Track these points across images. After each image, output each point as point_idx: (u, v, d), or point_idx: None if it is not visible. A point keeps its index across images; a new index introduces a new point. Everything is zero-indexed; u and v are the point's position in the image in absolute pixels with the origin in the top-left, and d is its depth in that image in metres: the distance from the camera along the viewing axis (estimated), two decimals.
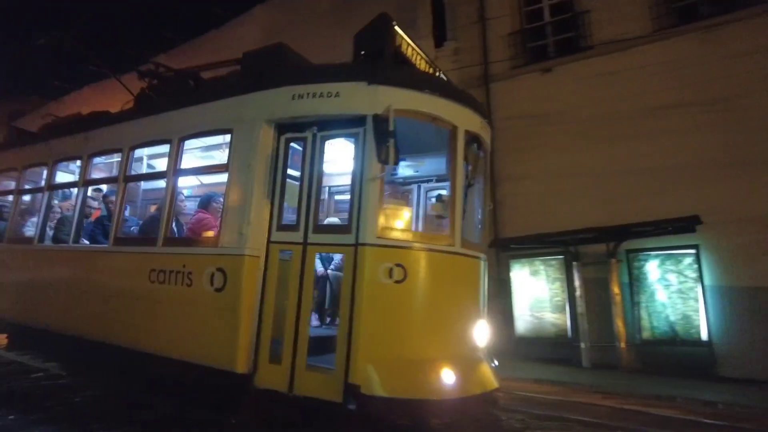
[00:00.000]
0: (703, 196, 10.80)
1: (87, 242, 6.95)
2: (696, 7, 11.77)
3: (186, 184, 8.76)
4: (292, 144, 5.27)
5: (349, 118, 4.98)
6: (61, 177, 7.89)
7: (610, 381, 9.85)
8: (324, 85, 4.99)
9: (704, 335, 10.78)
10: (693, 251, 11.13)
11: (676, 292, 11.35)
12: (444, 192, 6.34)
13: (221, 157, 6.87)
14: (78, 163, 7.53)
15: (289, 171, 5.28)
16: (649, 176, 11.47)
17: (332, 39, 16.06)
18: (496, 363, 5.24)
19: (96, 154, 6.94)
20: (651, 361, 11.16)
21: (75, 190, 7.25)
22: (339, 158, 6.22)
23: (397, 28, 5.26)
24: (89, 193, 7.17)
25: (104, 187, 7.53)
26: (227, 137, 6.11)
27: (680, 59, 11.43)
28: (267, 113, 5.24)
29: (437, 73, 5.92)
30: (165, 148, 6.56)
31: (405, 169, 6.54)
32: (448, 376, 4.59)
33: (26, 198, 8.54)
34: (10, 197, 8.38)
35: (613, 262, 11.74)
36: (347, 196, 7.27)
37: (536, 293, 12.95)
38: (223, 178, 7.45)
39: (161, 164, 7.28)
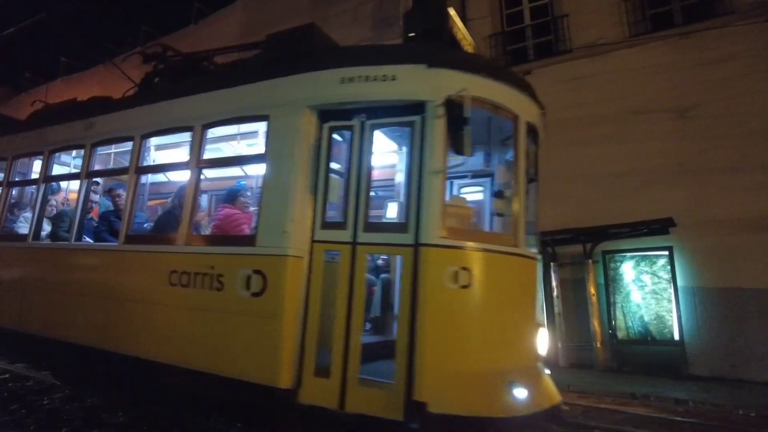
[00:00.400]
0: (676, 199, 10.54)
1: (89, 240, 5.79)
2: (671, 14, 11.44)
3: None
4: (334, 134, 4.38)
5: (404, 105, 4.13)
6: (58, 168, 6.61)
7: (586, 380, 9.48)
8: (378, 68, 4.11)
9: (676, 335, 10.54)
10: (666, 253, 10.86)
11: (650, 292, 11.05)
12: (475, 187, 5.60)
13: (232, 149, 5.94)
14: (74, 153, 6.38)
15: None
16: (625, 179, 11.14)
17: None
18: (548, 372, 4.49)
19: (101, 143, 5.77)
20: (626, 361, 10.82)
21: (72, 183, 6.06)
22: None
23: (450, 9, 4.44)
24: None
25: (101, 180, 6.30)
26: (242, 127, 5.22)
27: (655, 65, 11.12)
28: (309, 98, 4.32)
29: None
30: (175, 138, 5.58)
31: None
32: (519, 390, 3.81)
33: (16, 191, 7.19)
34: None
35: (589, 263, 11.33)
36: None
37: None
38: (235, 171, 6.58)
39: (167, 156, 6.24)
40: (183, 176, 6.08)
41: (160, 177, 7.38)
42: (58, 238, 5.84)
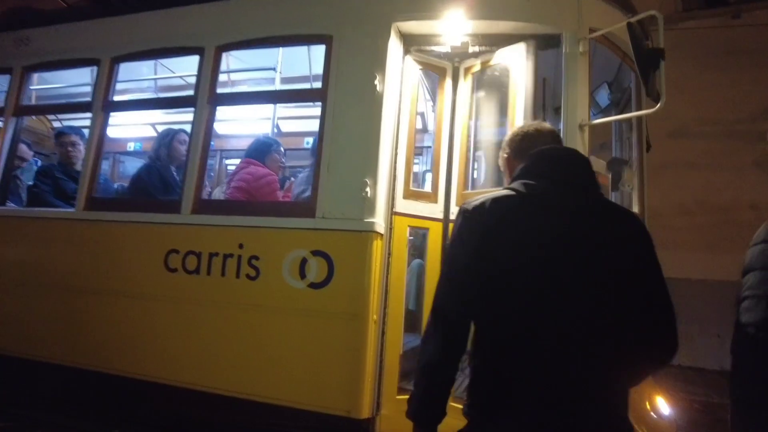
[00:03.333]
0: None
1: (14, 206, 3.85)
2: None
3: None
4: (421, 67, 3.11)
5: (527, 36, 2.94)
6: None
7: None
8: None
9: None
10: None
11: None
12: None
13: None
14: None
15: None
16: None
17: None
18: None
19: (40, 66, 3.82)
20: None
21: None
22: None
23: None
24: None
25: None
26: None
27: None
28: (398, 13, 2.95)
29: None
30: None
31: None
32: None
33: None
34: None
35: None
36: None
37: None
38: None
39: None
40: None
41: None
42: None
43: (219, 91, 3.28)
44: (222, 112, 5.49)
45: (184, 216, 3.09)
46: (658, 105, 2.44)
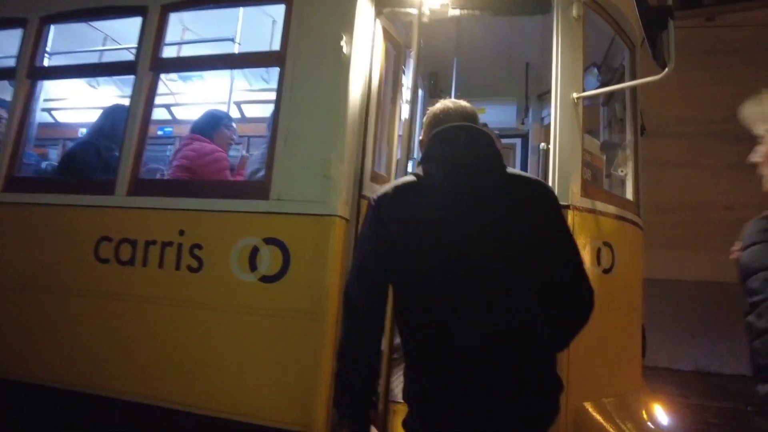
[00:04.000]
0: None
1: None
2: None
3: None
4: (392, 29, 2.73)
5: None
6: None
7: None
8: None
9: None
10: None
11: None
12: None
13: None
14: None
15: None
16: None
17: None
18: None
19: None
20: None
21: None
22: None
23: None
24: None
25: None
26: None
27: None
28: None
29: None
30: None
31: None
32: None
33: None
34: None
35: None
36: None
37: None
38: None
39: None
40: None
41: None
42: None
43: (163, 56, 2.83)
44: (182, 96, 5.06)
45: (119, 198, 2.63)
46: (665, 71, 2.09)
